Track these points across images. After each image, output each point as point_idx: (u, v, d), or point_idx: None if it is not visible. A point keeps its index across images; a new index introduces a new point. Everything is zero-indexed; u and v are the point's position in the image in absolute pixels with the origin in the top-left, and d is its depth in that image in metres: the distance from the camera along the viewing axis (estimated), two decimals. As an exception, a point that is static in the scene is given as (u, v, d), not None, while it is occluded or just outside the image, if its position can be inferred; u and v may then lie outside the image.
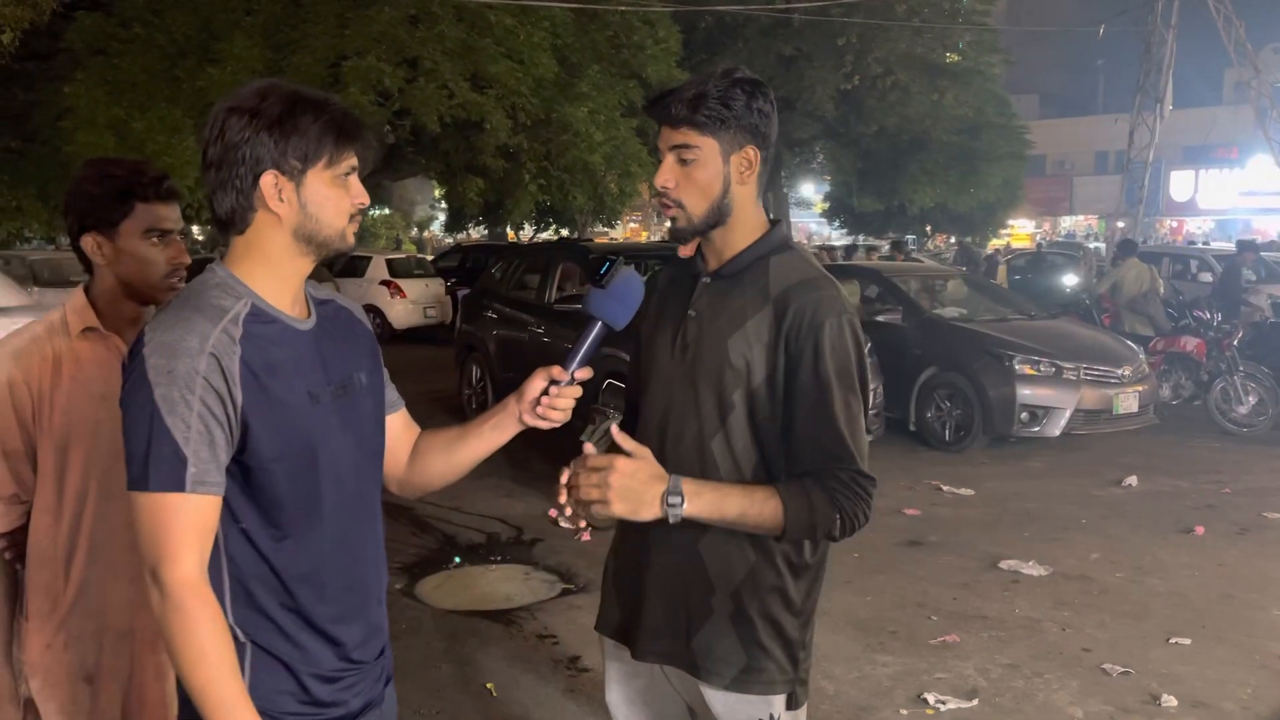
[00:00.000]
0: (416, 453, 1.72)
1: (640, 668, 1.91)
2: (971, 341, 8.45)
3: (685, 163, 1.75)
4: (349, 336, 1.60)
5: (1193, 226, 37.22)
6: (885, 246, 19.96)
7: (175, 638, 1.34)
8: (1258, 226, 33.72)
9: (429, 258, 20.87)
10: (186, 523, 1.35)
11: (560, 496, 1.70)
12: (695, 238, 1.82)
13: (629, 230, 42.70)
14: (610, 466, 1.62)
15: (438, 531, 5.88)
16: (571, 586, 5.03)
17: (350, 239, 1.50)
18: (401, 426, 1.72)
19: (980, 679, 4.04)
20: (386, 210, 35.35)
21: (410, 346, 14.21)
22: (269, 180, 1.42)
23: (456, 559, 5.45)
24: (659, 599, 1.83)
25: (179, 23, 13.98)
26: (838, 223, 28.22)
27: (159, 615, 1.35)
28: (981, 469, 7.74)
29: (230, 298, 1.43)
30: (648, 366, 1.90)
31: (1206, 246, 20.75)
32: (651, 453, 1.75)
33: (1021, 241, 36.38)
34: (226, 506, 1.41)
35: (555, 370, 1.65)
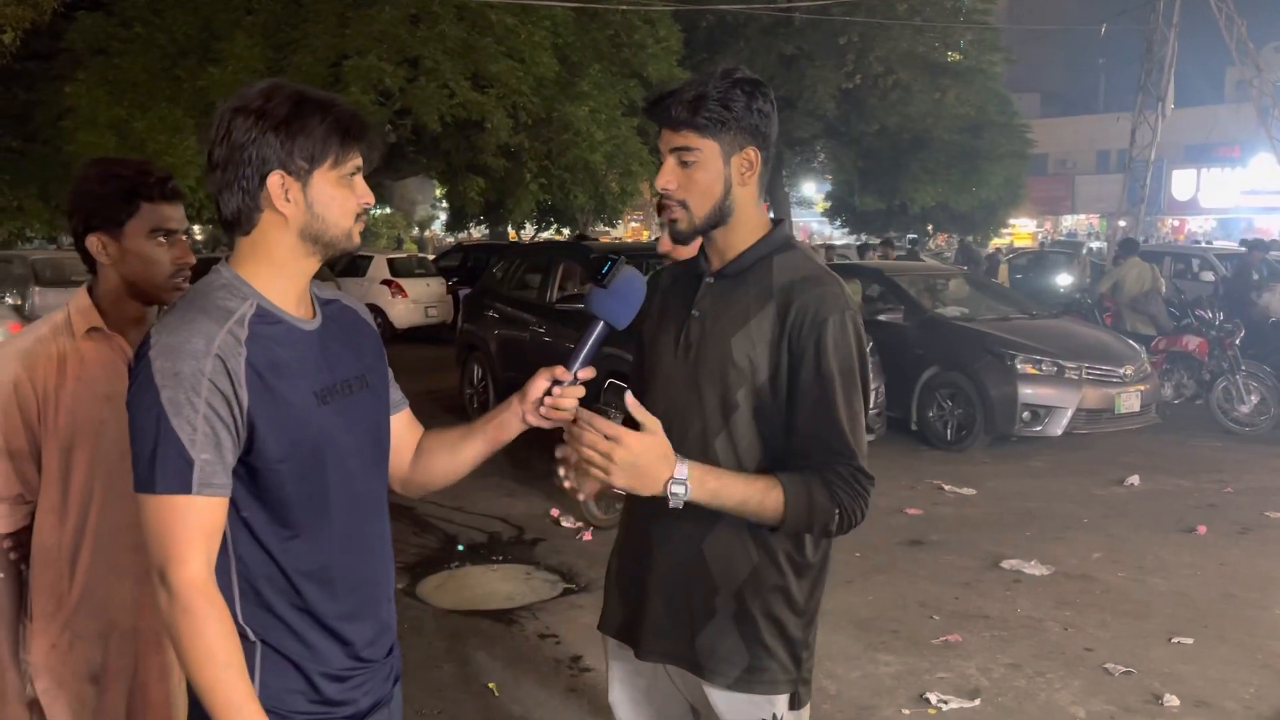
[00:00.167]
0: (420, 452, 1.73)
1: (643, 667, 1.91)
2: (973, 341, 8.44)
3: (686, 165, 1.75)
4: (354, 336, 1.61)
5: (1194, 225, 37.18)
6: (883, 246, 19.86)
7: (183, 638, 1.34)
8: (1260, 225, 33.67)
9: (430, 257, 20.87)
10: (193, 524, 1.35)
11: (560, 470, 1.68)
12: (696, 239, 1.82)
13: (630, 230, 42.65)
14: (619, 438, 1.59)
15: (439, 531, 5.88)
16: (573, 586, 5.03)
17: (356, 238, 1.51)
18: (406, 426, 1.72)
19: (982, 678, 4.04)
20: (388, 210, 35.32)
21: (412, 346, 14.20)
22: (275, 180, 1.42)
23: (460, 548, 5.45)
24: (662, 598, 1.83)
25: (180, 22, 14.00)
26: (839, 221, 28.20)
27: (167, 616, 1.35)
28: (983, 468, 7.73)
29: (236, 299, 1.43)
30: (651, 366, 1.90)
31: (1210, 245, 20.72)
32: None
33: (1024, 241, 36.37)
34: (234, 507, 1.41)
35: (558, 370, 1.65)
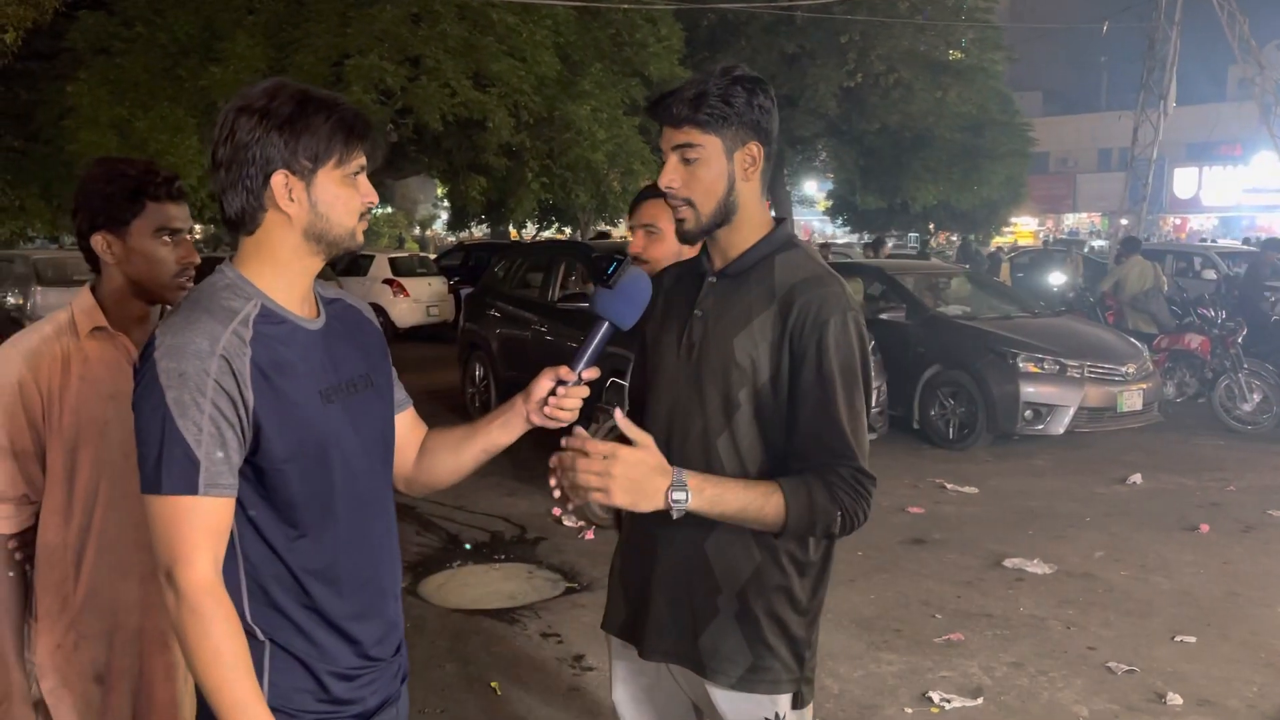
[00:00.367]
0: (424, 451, 1.73)
1: (646, 666, 1.92)
2: (975, 339, 8.44)
3: (689, 162, 1.75)
4: (358, 335, 1.61)
5: (1196, 224, 37.15)
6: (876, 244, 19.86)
7: (190, 639, 1.34)
8: (1261, 223, 33.67)
9: (432, 256, 20.88)
10: (200, 525, 1.35)
11: (550, 480, 1.68)
12: (703, 238, 1.82)
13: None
14: (614, 455, 1.59)
15: (441, 530, 5.89)
16: (575, 585, 5.03)
17: (359, 237, 1.51)
18: (409, 425, 1.72)
19: (985, 677, 4.04)
20: (389, 209, 35.34)
21: (413, 345, 14.21)
22: (279, 180, 1.43)
23: (467, 547, 5.45)
24: (665, 598, 1.83)
25: (181, 22, 13.99)
26: (840, 220, 28.18)
27: (174, 617, 1.35)
28: (985, 467, 7.73)
29: (240, 299, 1.44)
30: (654, 366, 1.90)
31: (1213, 244, 20.69)
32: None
33: (1026, 239, 36.34)
34: (240, 507, 1.41)
35: (563, 370, 1.65)
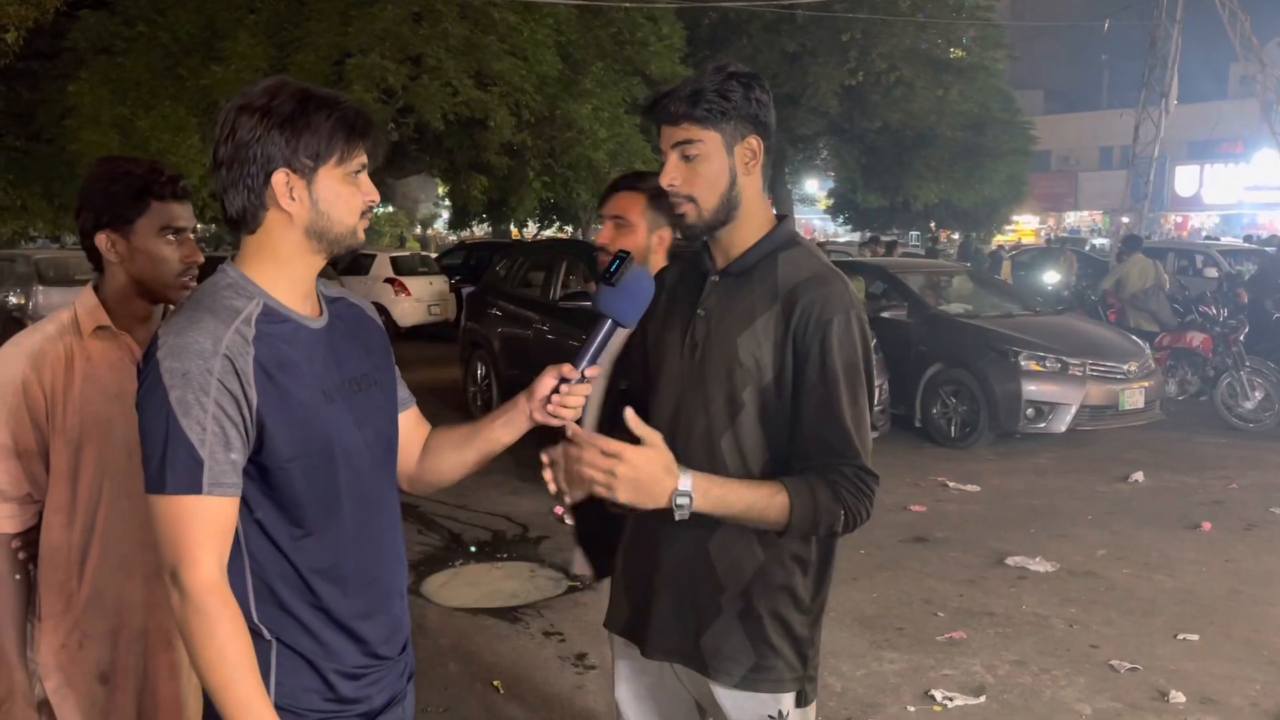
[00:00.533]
0: (428, 450, 1.72)
1: (649, 665, 1.91)
2: (977, 338, 8.44)
3: (689, 159, 1.75)
4: (361, 334, 1.61)
5: (1197, 222, 37.09)
6: (870, 243, 19.87)
7: (195, 639, 1.34)
8: (1262, 221, 33.61)
9: (433, 255, 20.88)
10: (204, 524, 1.35)
11: (545, 474, 1.68)
12: (706, 234, 1.82)
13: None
14: (620, 454, 1.58)
15: (444, 529, 5.89)
16: (577, 584, 5.03)
17: (361, 236, 1.51)
18: (413, 423, 1.72)
19: (987, 676, 4.04)
20: (390, 208, 35.35)
21: (415, 344, 14.21)
22: (280, 178, 1.42)
23: (472, 549, 5.45)
24: (668, 597, 1.83)
25: (182, 21, 14.00)
26: (842, 219, 28.17)
27: (179, 617, 1.35)
28: (987, 465, 7.73)
29: (242, 298, 1.43)
30: (656, 366, 1.90)
31: (1216, 241, 20.66)
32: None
33: (1028, 237, 36.30)
34: (245, 506, 1.41)
35: (565, 368, 1.64)
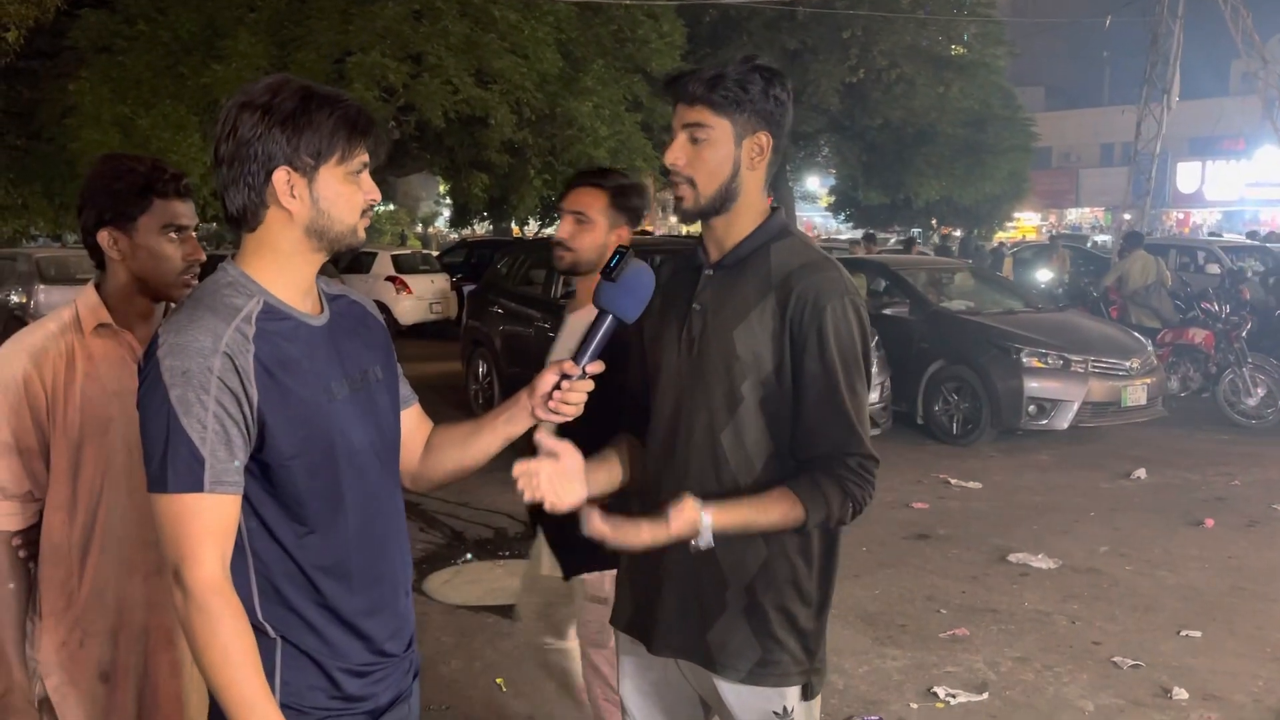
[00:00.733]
0: (430, 447, 1.72)
1: (654, 661, 1.91)
2: (979, 334, 8.43)
3: (697, 141, 1.76)
4: (362, 331, 1.60)
5: (1199, 218, 37.05)
6: (866, 240, 19.89)
7: (198, 638, 1.34)
8: (1264, 218, 33.57)
9: (434, 253, 20.86)
10: (206, 523, 1.35)
11: (516, 470, 1.69)
12: (699, 219, 1.82)
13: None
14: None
15: (445, 527, 5.89)
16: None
17: (362, 234, 1.51)
18: (415, 421, 1.72)
19: (990, 672, 4.03)
20: (391, 206, 35.33)
21: (416, 342, 14.21)
22: (281, 176, 1.42)
23: (468, 557, 5.45)
24: (673, 593, 1.83)
25: (183, 20, 13.98)
26: (843, 216, 28.14)
27: (182, 615, 1.35)
28: (989, 462, 7.72)
29: (243, 296, 1.43)
30: (655, 363, 1.90)
31: (1219, 237, 20.62)
32: (658, 448, 1.78)
33: (1030, 234, 36.25)
34: (248, 504, 1.41)
35: (567, 364, 1.63)
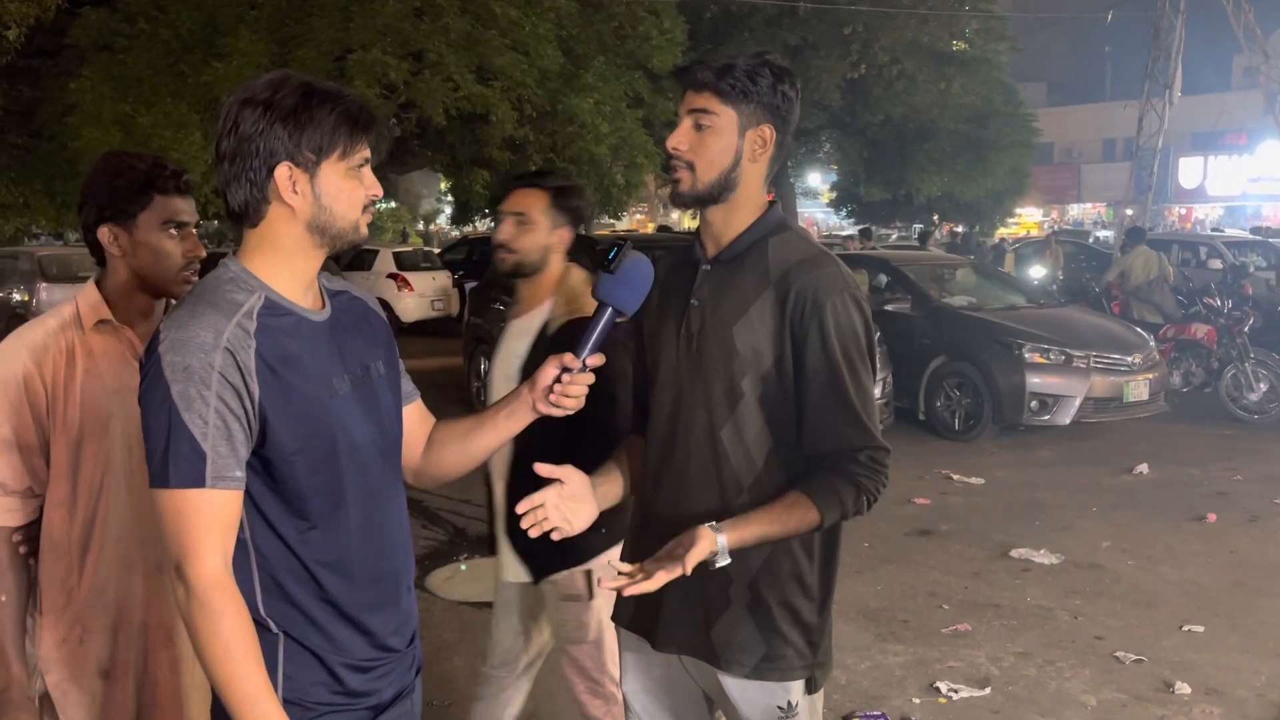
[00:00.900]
0: (432, 443, 1.72)
1: (656, 657, 1.91)
2: (980, 330, 8.43)
3: (701, 128, 1.76)
4: (364, 327, 1.60)
5: (1201, 213, 37.00)
6: (861, 237, 19.95)
7: (200, 633, 1.34)
8: (1266, 212, 33.53)
9: (436, 251, 20.85)
10: (208, 518, 1.35)
11: (520, 508, 1.74)
12: (695, 205, 1.82)
13: (634, 222, 42.48)
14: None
15: (448, 523, 5.89)
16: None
17: (364, 230, 1.50)
18: (418, 417, 1.72)
19: (992, 668, 4.03)
20: (393, 203, 35.33)
21: (418, 339, 14.21)
22: (283, 172, 1.42)
23: (462, 559, 5.46)
24: (676, 589, 1.81)
25: (184, 18, 13.97)
26: (845, 212, 28.12)
27: (184, 611, 1.35)
28: (991, 458, 7.72)
29: (244, 291, 1.43)
30: (654, 360, 1.89)
31: (1220, 233, 20.60)
32: (658, 445, 1.79)
33: (1033, 230, 36.23)
34: (250, 500, 1.41)
35: (567, 357, 1.63)
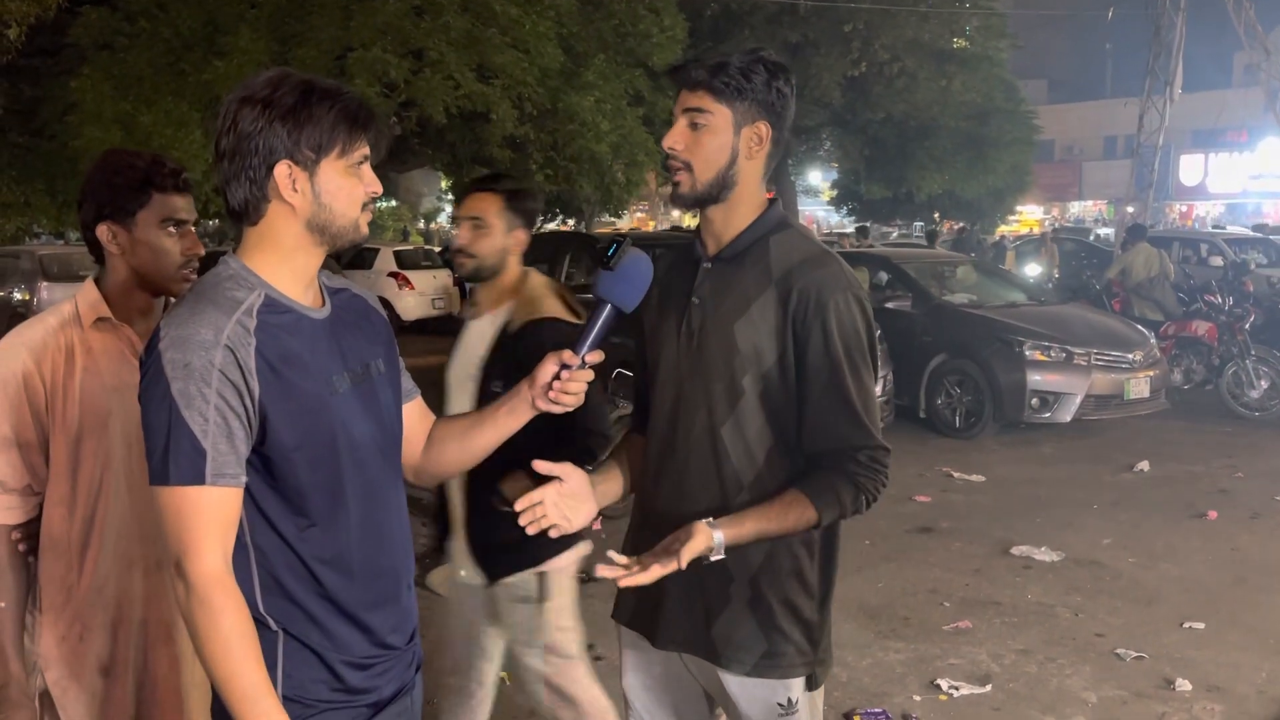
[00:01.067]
0: (432, 440, 1.72)
1: (657, 655, 1.92)
2: (981, 327, 8.42)
3: (696, 127, 1.76)
4: (364, 324, 1.60)
5: (1202, 211, 36.97)
6: (857, 234, 20.03)
7: (200, 630, 1.34)
8: (1267, 210, 33.49)
9: (436, 249, 20.86)
10: (208, 516, 1.35)
11: (520, 504, 1.72)
12: (695, 205, 1.82)
13: (635, 220, 42.46)
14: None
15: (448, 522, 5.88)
16: (583, 575, 5.01)
17: (364, 228, 1.50)
18: (418, 415, 1.71)
19: (993, 665, 4.04)
20: (393, 202, 35.31)
21: (419, 338, 14.21)
22: (282, 170, 1.42)
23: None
24: (677, 587, 1.82)
25: (184, 16, 13.98)
26: (845, 210, 28.11)
27: (184, 608, 1.35)
28: (992, 455, 7.72)
29: (244, 289, 1.43)
30: (655, 357, 1.90)
31: (1224, 230, 20.59)
32: (659, 442, 1.79)
33: (1033, 228, 36.23)
34: (250, 497, 1.41)
35: (566, 354, 1.63)
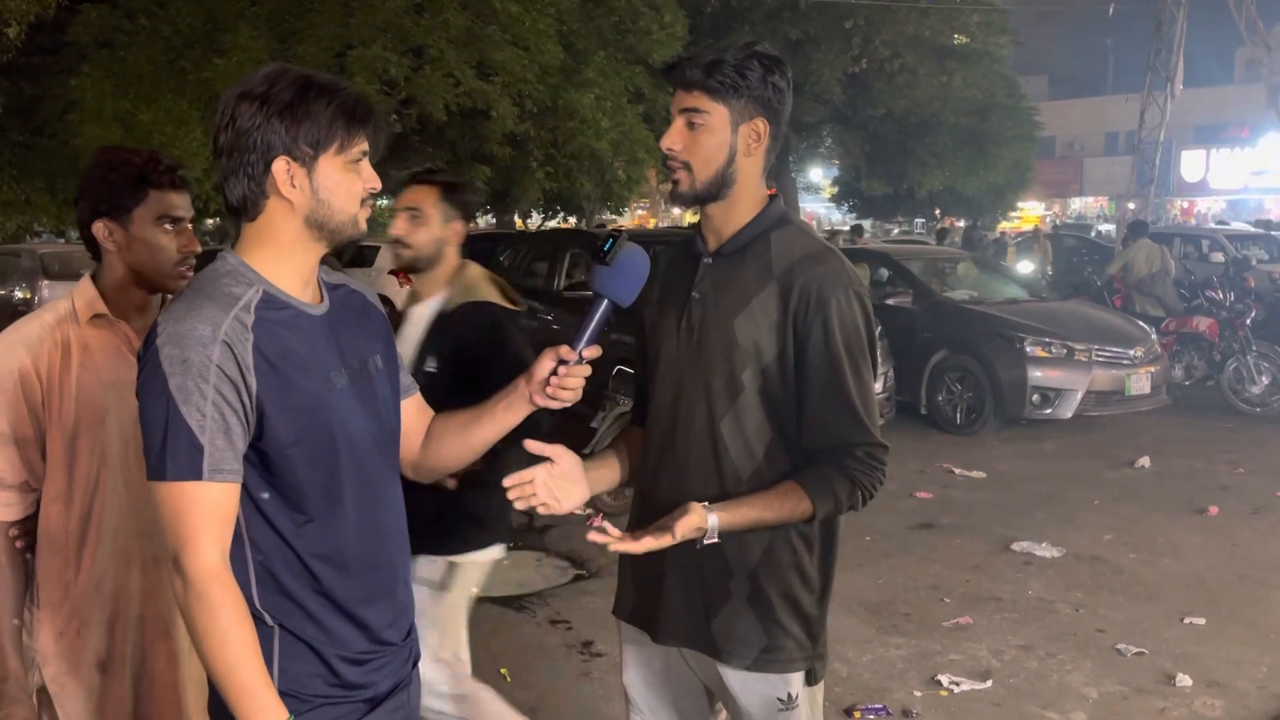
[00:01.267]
0: (430, 436, 1.72)
1: (657, 650, 1.92)
2: (982, 324, 8.42)
3: (693, 126, 1.76)
4: (363, 321, 1.61)
5: (1203, 206, 36.94)
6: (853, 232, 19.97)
7: (198, 625, 1.35)
8: (1268, 206, 33.48)
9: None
10: (206, 511, 1.35)
11: (508, 481, 1.72)
12: (695, 204, 1.82)
13: (636, 218, 42.44)
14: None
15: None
16: (584, 572, 5.04)
17: (362, 224, 1.50)
18: (416, 410, 1.72)
19: (994, 660, 4.04)
20: (394, 200, 35.32)
21: (419, 335, 14.22)
22: (281, 166, 1.42)
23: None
24: (677, 582, 1.83)
25: (184, 14, 13.99)
26: (846, 207, 28.12)
27: (181, 603, 1.36)
28: (993, 451, 7.72)
29: (242, 285, 1.43)
30: (654, 352, 1.90)
31: (1225, 226, 20.58)
32: (658, 437, 1.78)
33: (1035, 224, 36.21)
34: (247, 492, 1.41)
35: (563, 350, 1.63)
